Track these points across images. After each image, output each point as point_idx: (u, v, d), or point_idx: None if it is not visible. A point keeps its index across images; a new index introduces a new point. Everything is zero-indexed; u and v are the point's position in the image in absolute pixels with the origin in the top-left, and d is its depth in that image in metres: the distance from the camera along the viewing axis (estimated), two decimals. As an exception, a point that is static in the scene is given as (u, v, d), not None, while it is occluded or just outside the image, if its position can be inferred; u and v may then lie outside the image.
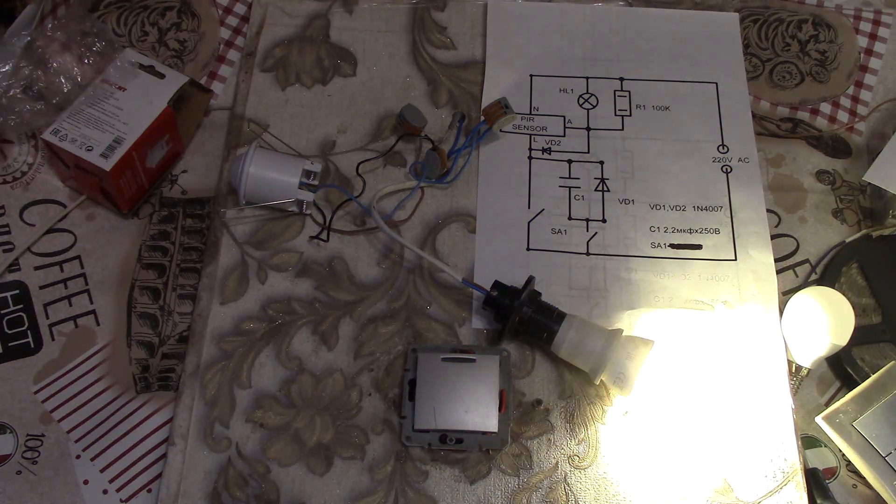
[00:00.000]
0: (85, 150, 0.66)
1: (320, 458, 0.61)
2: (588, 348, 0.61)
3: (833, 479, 0.64)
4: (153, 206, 0.72)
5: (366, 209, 0.70)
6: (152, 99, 0.69)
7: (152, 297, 0.68)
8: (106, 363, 0.66)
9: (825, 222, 0.73)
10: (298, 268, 0.68)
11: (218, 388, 0.63)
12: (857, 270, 0.70)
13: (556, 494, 0.60)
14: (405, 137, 0.74)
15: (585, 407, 0.63)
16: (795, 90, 0.80)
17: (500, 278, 0.64)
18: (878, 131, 0.78)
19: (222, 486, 0.60)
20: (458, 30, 0.81)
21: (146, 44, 0.79)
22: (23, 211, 0.71)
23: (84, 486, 0.61)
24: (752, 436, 0.62)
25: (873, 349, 0.67)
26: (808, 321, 0.65)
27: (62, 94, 0.69)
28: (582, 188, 0.73)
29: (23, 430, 0.63)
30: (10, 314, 0.67)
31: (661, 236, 0.70)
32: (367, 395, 0.64)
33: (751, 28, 0.82)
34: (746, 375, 0.65)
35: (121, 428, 0.63)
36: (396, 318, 0.66)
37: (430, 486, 0.60)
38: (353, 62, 0.79)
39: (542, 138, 0.75)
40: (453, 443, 0.61)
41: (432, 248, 0.70)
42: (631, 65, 0.79)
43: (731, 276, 0.68)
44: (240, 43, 0.81)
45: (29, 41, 0.69)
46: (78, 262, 0.69)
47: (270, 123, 0.75)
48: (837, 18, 0.84)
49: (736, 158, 0.74)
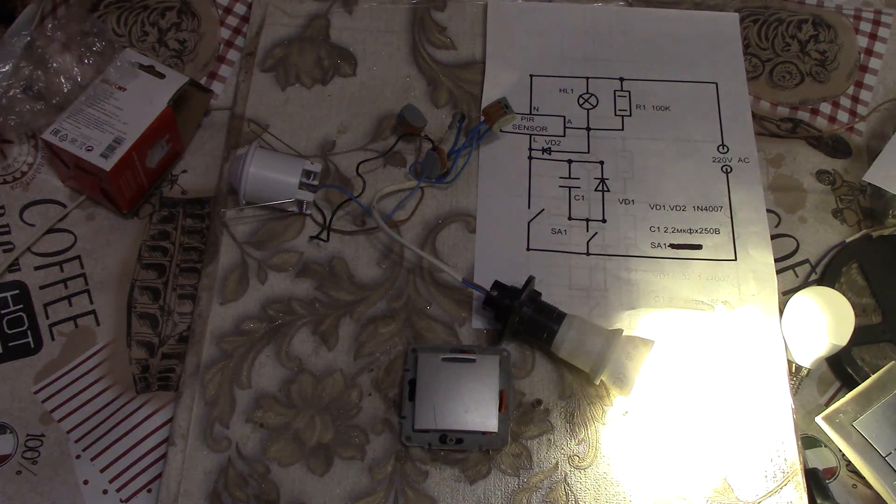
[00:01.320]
0: (85, 150, 0.66)
1: (320, 458, 0.61)
2: (588, 348, 0.61)
3: (833, 479, 0.64)
4: (153, 206, 0.72)
5: (366, 209, 0.70)
6: (152, 99, 0.69)
7: (152, 297, 0.68)
8: (106, 363, 0.66)
9: (825, 222, 0.73)
10: (298, 268, 0.68)
11: (218, 388, 0.63)
12: (857, 270, 0.70)
13: (556, 494, 0.60)
14: (405, 137, 0.74)
15: (585, 407, 0.63)
16: (795, 90, 0.80)
17: (500, 278, 0.64)
18: (878, 131, 0.78)
19: (222, 486, 0.60)
20: (458, 30, 0.81)
21: (146, 44, 0.79)
22: (23, 211, 0.71)
23: (84, 486, 0.61)
24: (752, 436, 0.62)
25: (873, 349, 0.67)
26: (808, 321, 0.65)
27: (62, 94, 0.69)
28: (582, 188, 0.73)
29: (23, 430, 0.63)
30: (10, 314, 0.67)
31: (661, 236, 0.70)
32: (367, 395, 0.64)
33: (751, 28, 0.82)
34: (746, 375, 0.65)
35: (121, 428, 0.63)
36: (396, 318, 0.66)
37: (430, 486, 0.60)
38: (353, 62, 0.79)
39: (542, 138, 0.75)
40: (453, 443, 0.61)
41: (432, 248, 0.70)
42: (631, 65, 0.79)
43: (731, 276, 0.68)
44: (240, 43, 0.81)
45: (29, 41, 0.69)
46: (78, 262, 0.69)
47: (270, 123, 0.75)
48: (837, 18, 0.84)
49: (736, 158, 0.74)
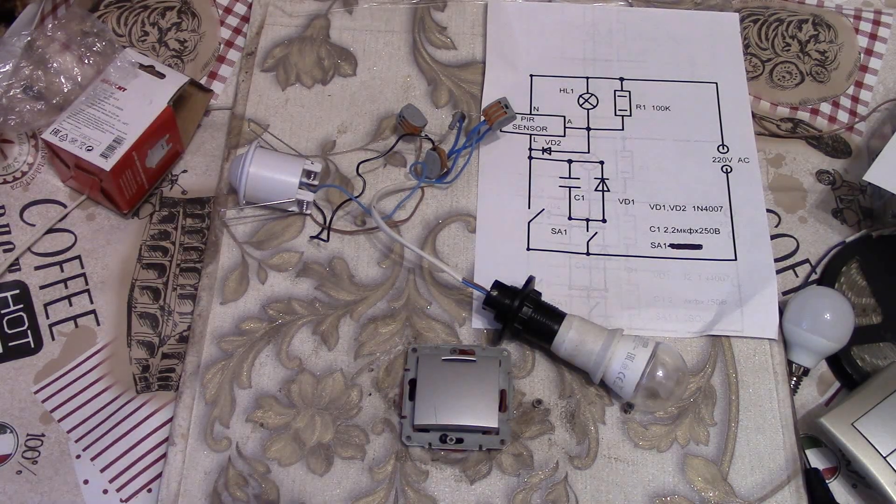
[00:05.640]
0: (85, 150, 0.66)
1: (320, 458, 0.61)
2: (588, 348, 0.61)
3: (833, 479, 0.64)
4: (153, 206, 0.72)
5: (366, 209, 0.70)
6: (152, 99, 0.69)
7: (152, 297, 0.68)
8: (106, 363, 0.66)
9: (825, 222, 0.73)
10: (298, 268, 0.68)
11: (218, 388, 0.63)
12: (857, 270, 0.70)
13: (556, 494, 0.60)
14: (405, 137, 0.74)
15: (585, 407, 0.63)
16: (795, 90, 0.80)
17: (500, 278, 0.64)
18: (878, 131, 0.78)
19: (222, 486, 0.60)
20: (458, 30, 0.81)
21: (146, 44, 0.79)
22: (23, 211, 0.71)
23: (84, 486, 0.61)
24: (753, 436, 0.62)
25: (873, 349, 0.67)
26: (808, 321, 0.65)
27: (62, 94, 0.69)
28: (582, 188, 0.73)
29: (23, 429, 0.63)
30: (10, 314, 0.67)
31: (661, 236, 0.70)
32: (368, 395, 0.64)
33: (751, 28, 0.82)
34: (746, 375, 0.65)
35: (121, 428, 0.63)
36: (396, 318, 0.66)
37: (430, 486, 0.60)
38: (353, 62, 0.79)
39: (542, 138, 0.75)
40: (453, 442, 0.61)
41: (432, 248, 0.70)
42: (631, 65, 0.79)
43: (731, 276, 0.68)
44: (240, 43, 0.81)
45: (29, 41, 0.69)
46: (78, 261, 0.69)
47: (270, 123, 0.75)
48: (837, 18, 0.84)
49: (736, 158, 0.74)
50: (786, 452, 0.62)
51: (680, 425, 0.63)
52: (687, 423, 0.63)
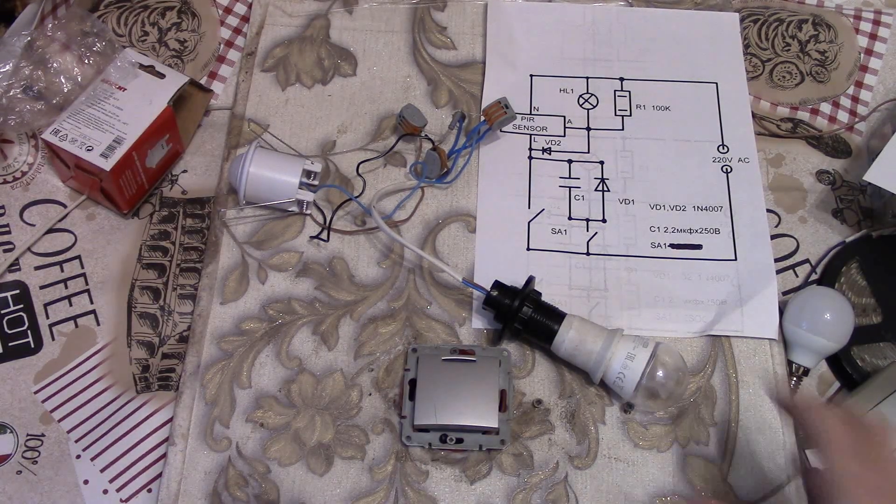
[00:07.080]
0: (85, 150, 0.66)
1: (320, 458, 0.61)
2: (588, 348, 0.61)
3: (833, 479, 0.64)
4: (153, 206, 0.72)
5: (366, 209, 0.70)
6: (152, 99, 0.69)
7: (152, 297, 0.68)
8: (106, 363, 0.66)
9: (825, 222, 0.73)
10: (298, 268, 0.68)
11: (218, 388, 0.63)
12: (857, 270, 0.70)
13: (556, 494, 0.60)
14: (405, 137, 0.74)
15: (585, 407, 0.63)
16: (795, 90, 0.80)
17: (500, 278, 0.64)
18: (878, 131, 0.78)
19: (222, 486, 0.60)
20: (458, 30, 0.81)
21: (146, 44, 0.79)
22: (23, 211, 0.71)
23: (84, 486, 0.61)
24: (752, 435, 0.62)
25: (873, 349, 0.67)
26: (808, 321, 0.65)
27: (62, 94, 0.69)
28: (582, 188, 0.73)
29: (23, 430, 0.63)
30: (10, 314, 0.67)
31: (661, 236, 0.70)
32: (367, 395, 0.64)
33: (751, 28, 0.82)
34: (746, 375, 0.65)
35: (121, 428, 0.63)
36: (396, 318, 0.66)
37: (430, 486, 0.60)
38: (353, 62, 0.79)
39: (542, 138, 0.75)
40: (453, 442, 0.61)
41: (432, 248, 0.70)
42: (631, 65, 0.79)
43: (731, 276, 0.68)
44: (240, 43, 0.81)
45: (29, 41, 0.69)
46: (78, 262, 0.69)
47: (270, 123, 0.75)
48: (837, 18, 0.84)
49: (736, 158, 0.74)
50: (786, 452, 0.62)
51: (680, 425, 0.63)
52: (687, 424, 0.63)
